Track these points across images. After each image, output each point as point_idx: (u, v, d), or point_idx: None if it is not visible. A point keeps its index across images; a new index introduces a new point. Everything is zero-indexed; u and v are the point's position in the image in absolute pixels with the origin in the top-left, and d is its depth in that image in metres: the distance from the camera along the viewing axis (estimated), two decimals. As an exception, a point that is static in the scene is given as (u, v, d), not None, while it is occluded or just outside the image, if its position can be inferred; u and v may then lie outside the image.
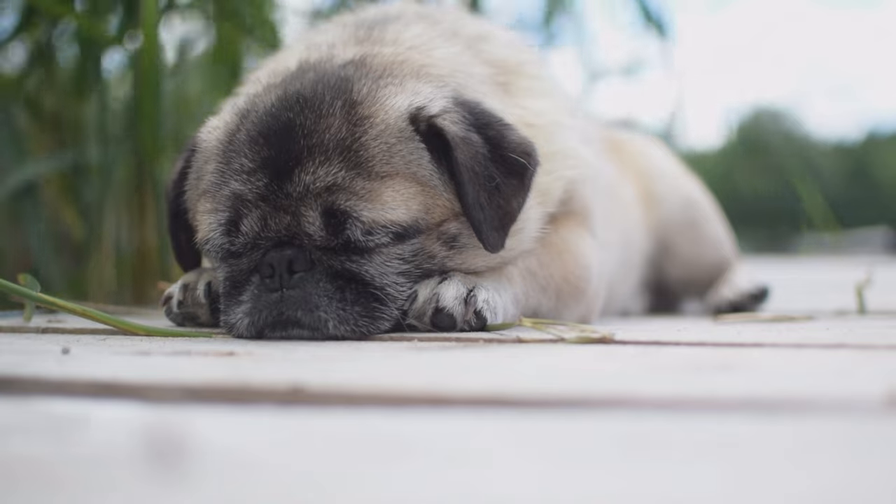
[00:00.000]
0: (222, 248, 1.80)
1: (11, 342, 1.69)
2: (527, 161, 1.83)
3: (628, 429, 0.92)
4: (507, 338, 1.68)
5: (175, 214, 2.00)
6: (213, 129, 1.93)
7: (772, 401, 1.01)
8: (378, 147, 1.75)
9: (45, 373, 1.22)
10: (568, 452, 0.83)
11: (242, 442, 0.89)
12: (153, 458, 0.80)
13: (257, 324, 1.74)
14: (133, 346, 1.61)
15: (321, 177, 1.72)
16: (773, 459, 0.79)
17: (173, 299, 1.97)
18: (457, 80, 1.97)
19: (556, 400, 1.02)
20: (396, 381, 1.18)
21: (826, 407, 0.98)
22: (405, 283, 1.78)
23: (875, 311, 2.60)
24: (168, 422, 0.97)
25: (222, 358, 1.42)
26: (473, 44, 2.14)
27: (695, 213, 3.29)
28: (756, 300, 3.08)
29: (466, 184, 1.75)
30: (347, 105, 1.79)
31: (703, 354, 1.45)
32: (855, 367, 1.31)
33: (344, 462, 0.80)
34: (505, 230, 1.80)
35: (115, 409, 1.06)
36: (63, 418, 0.99)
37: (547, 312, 2.00)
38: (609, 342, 1.63)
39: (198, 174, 1.90)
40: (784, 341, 1.61)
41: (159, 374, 1.24)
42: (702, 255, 3.27)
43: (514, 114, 2.00)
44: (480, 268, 1.87)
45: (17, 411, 1.03)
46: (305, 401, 1.05)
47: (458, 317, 1.75)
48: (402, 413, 1.00)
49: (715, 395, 1.05)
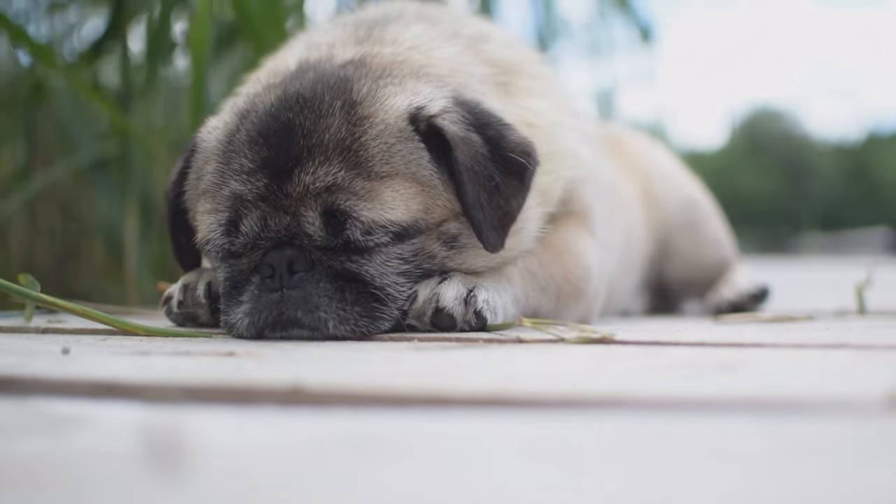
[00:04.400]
0: (222, 248, 1.80)
1: (11, 342, 1.69)
2: (526, 161, 1.83)
3: (628, 429, 0.92)
4: (507, 338, 1.68)
5: (175, 215, 2.00)
6: (212, 129, 1.93)
7: (772, 401, 1.01)
8: (378, 147, 1.75)
9: (45, 373, 1.22)
10: (568, 453, 0.83)
11: (242, 442, 0.89)
12: (153, 459, 0.80)
13: (257, 324, 1.74)
14: (133, 346, 1.61)
15: (321, 177, 1.72)
16: (772, 460, 0.79)
17: (173, 299, 1.97)
18: (457, 80, 1.97)
19: (556, 400, 1.02)
20: (396, 381, 1.18)
21: (826, 407, 0.98)
22: (405, 283, 1.78)
23: (875, 311, 2.60)
24: (168, 422, 0.97)
25: (222, 358, 1.42)
26: (473, 44, 2.14)
27: (695, 213, 3.29)
28: (756, 300, 3.08)
29: (466, 184, 1.75)
30: (347, 105, 1.79)
31: (704, 354, 1.45)
32: (855, 367, 1.31)
33: (344, 462, 0.80)
34: (505, 230, 1.80)
35: (115, 409, 1.06)
36: (63, 418, 0.99)
37: (547, 312, 2.00)
38: (609, 342, 1.63)
39: (198, 174, 1.90)
40: (784, 341, 1.61)
41: (159, 375, 1.24)
42: (702, 256, 3.27)
43: (513, 114, 2.00)
44: (480, 268, 1.87)
45: (17, 411, 1.03)
46: (305, 401, 1.05)
47: (458, 317, 1.75)
48: (402, 413, 1.00)
49: (715, 395, 1.05)
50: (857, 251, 21.14)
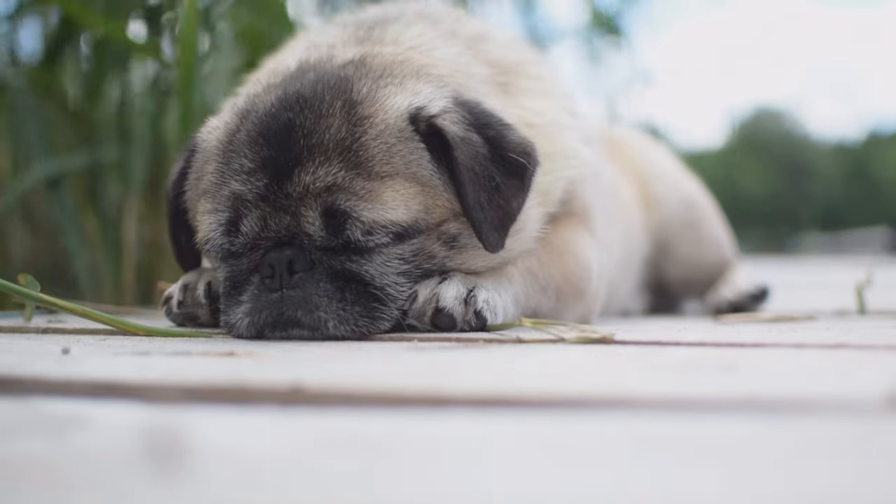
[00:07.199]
0: (222, 248, 1.80)
1: (11, 342, 1.69)
2: (527, 161, 1.83)
3: (628, 429, 0.92)
4: (507, 338, 1.68)
5: (175, 215, 2.00)
6: (212, 129, 1.93)
7: (772, 401, 1.01)
8: (378, 147, 1.75)
9: (45, 373, 1.22)
10: (568, 453, 0.83)
11: (242, 442, 0.89)
12: (153, 459, 0.80)
13: (257, 324, 1.74)
14: (133, 346, 1.61)
15: (321, 177, 1.72)
16: (772, 460, 0.79)
17: (173, 299, 1.97)
18: (457, 80, 1.97)
19: (556, 400, 1.02)
20: (396, 381, 1.18)
21: (826, 407, 0.98)
22: (405, 284, 1.78)
23: (875, 311, 2.60)
24: (168, 422, 0.97)
25: (222, 358, 1.42)
26: (473, 44, 2.14)
27: (695, 214, 3.29)
28: (756, 300, 3.08)
29: (466, 184, 1.75)
30: (347, 105, 1.79)
31: (704, 355, 1.45)
32: (855, 367, 1.31)
33: (344, 462, 0.80)
34: (505, 230, 1.80)
35: (115, 409, 1.06)
36: (63, 418, 0.99)
37: (547, 312, 2.00)
38: (609, 342, 1.63)
39: (198, 174, 1.90)
40: (784, 341, 1.61)
41: (159, 375, 1.24)
42: (702, 256, 3.27)
43: (514, 114, 2.00)
44: (480, 268, 1.87)
45: (17, 411, 1.03)
46: (305, 401, 1.05)
47: (458, 317, 1.75)
48: (402, 413, 1.00)
49: (715, 395, 1.05)
50: (857, 251, 21.15)
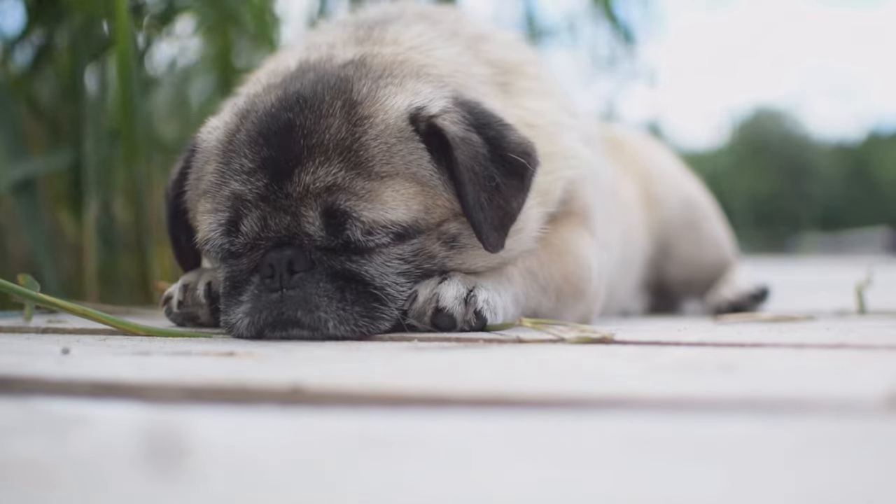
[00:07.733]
0: (222, 248, 1.80)
1: (11, 342, 1.69)
2: (527, 161, 1.83)
3: (628, 429, 0.92)
4: (507, 338, 1.68)
5: (175, 215, 2.00)
6: (212, 129, 1.93)
7: (772, 401, 1.01)
8: (378, 147, 1.76)
9: (45, 373, 1.22)
10: (568, 453, 0.83)
11: (242, 442, 0.89)
12: (153, 459, 0.80)
13: (257, 324, 1.74)
14: (133, 346, 1.61)
15: (321, 177, 1.73)
16: (772, 460, 0.79)
17: (173, 299, 1.97)
18: (457, 80, 1.97)
19: (556, 400, 1.02)
20: (396, 381, 1.18)
21: (826, 407, 0.98)
22: (405, 284, 1.78)
23: (875, 311, 2.60)
24: (168, 422, 0.97)
25: (222, 358, 1.42)
26: (473, 44, 2.14)
27: (695, 213, 3.29)
28: (756, 300, 3.08)
29: (466, 184, 1.75)
30: (347, 105, 1.79)
31: (704, 355, 1.45)
32: (855, 367, 1.31)
33: (343, 462, 0.80)
34: (505, 230, 1.80)
35: (115, 409, 1.06)
36: (63, 418, 0.99)
37: (547, 312, 2.00)
38: (609, 342, 1.63)
39: (198, 174, 1.90)
40: (784, 341, 1.61)
41: (159, 374, 1.24)
42: (702, 256, 3.27)
43: (514, 114, 2.00)
44: (480, 268, 1.87)
45: (17, 411, 1.03)
46: (305, 401, 1.05)
47: (458, 317, 1.75)
48: (402, 413, 1.00)
49: (715, 395, 1.05)
50: (857, 251, 21.15)
